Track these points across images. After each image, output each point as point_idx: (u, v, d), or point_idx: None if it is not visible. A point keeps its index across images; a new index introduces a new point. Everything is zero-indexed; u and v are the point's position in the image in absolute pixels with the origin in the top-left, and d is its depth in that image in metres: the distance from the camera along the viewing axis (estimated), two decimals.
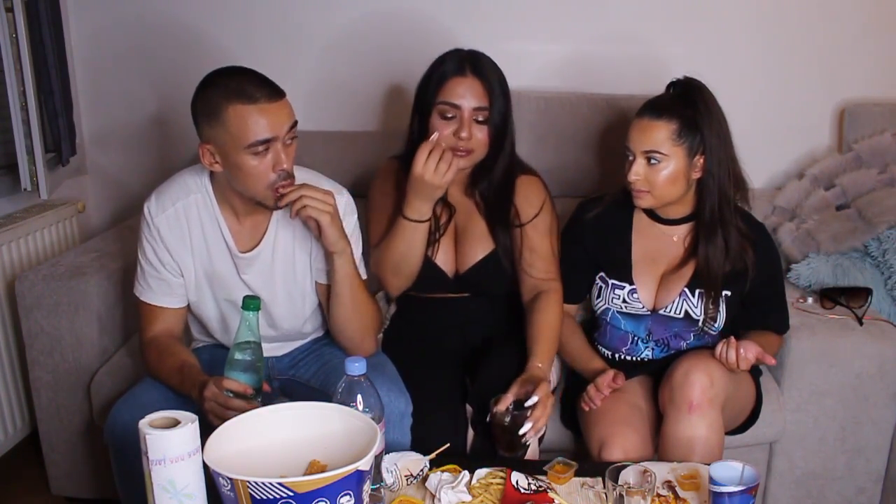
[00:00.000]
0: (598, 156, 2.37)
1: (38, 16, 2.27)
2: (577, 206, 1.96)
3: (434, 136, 1.73)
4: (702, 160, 1.74)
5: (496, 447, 1.65)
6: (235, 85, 1.52)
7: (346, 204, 1.73)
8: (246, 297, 1.50)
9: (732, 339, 1.68)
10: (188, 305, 1.76)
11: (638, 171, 1.74)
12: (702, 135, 1.73)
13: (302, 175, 1.69)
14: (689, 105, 1.73)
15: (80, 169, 2.67)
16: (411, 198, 1.73)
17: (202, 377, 1.56)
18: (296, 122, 1.58)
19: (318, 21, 2.55)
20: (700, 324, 1.81)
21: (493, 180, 1.86)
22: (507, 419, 1.59)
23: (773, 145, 2.54)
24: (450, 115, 1.76)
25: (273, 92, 1.54)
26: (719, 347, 1.68)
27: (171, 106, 2.64)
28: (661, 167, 1.72)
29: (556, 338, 1.81)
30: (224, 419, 1.35)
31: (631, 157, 1.75)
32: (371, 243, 1.85)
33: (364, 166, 2.30)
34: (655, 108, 1.74)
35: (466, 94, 1.75)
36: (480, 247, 1.88)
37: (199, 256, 1.70)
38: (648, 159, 1.73)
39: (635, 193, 1.77)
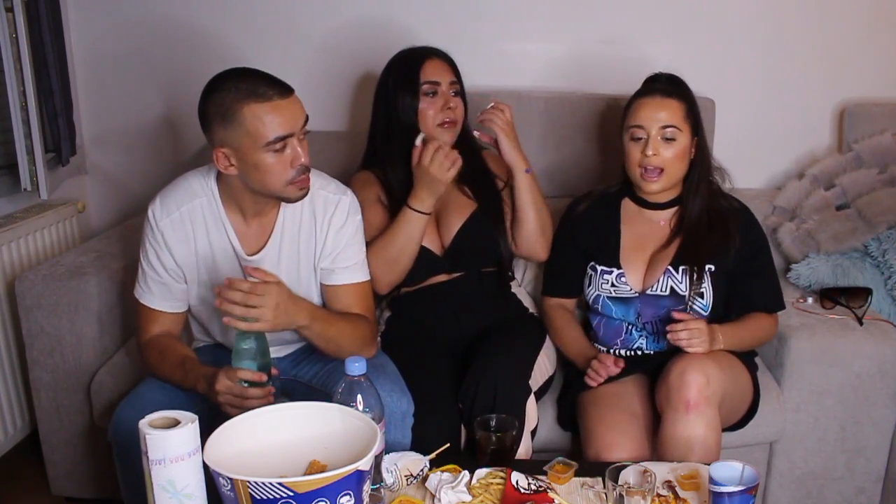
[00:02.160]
0: (597, 156, 2.37)
1: (38, 16, 2.27)
2: (566, 206, 2.03)
3: (420, 138, 1.85)
4: (696, 140, 1.84)
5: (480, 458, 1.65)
6: (246, 85, 1.52)
7: (349, 204, 1.74)
8: None
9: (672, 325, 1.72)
10: (189, 308, 1.76)
11: (656, 148, 1.79)
12: (697, 117, 1.84)
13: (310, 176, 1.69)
14: (685, 88, 1.84)
15: (80, 169, 2.67)
16: (418, 189, 1.83)
17: (206, 370, 1.57)
18: (307, 118, 1.59)
19: (317, 22, 2.55)
20: (687, 300, 1.83)
21: (465, 149, 1.95)
22: (492, 441, 1.57)
23: (773, 145, 2.54)
24: (431, 93, 1.91)
25: (284, 89, 1.55)
26: (672, 337, 1.71)
27: (171, 105, 2.64)
28: (675, 143, 1.79)
29: (545, 206, 1.97)
30: (244, 409, 1.35)
31: (643, 137, 1.80)
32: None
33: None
34: (663, 89, 1.82)
35: (440, 72, 1.92)
36: (458, 214, 1.96)
37: (204, 260, 1.69)
38: (664, 136, 1.78)
39: (646, 176, 1.82)
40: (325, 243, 1.71)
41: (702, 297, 1.84)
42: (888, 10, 2.49)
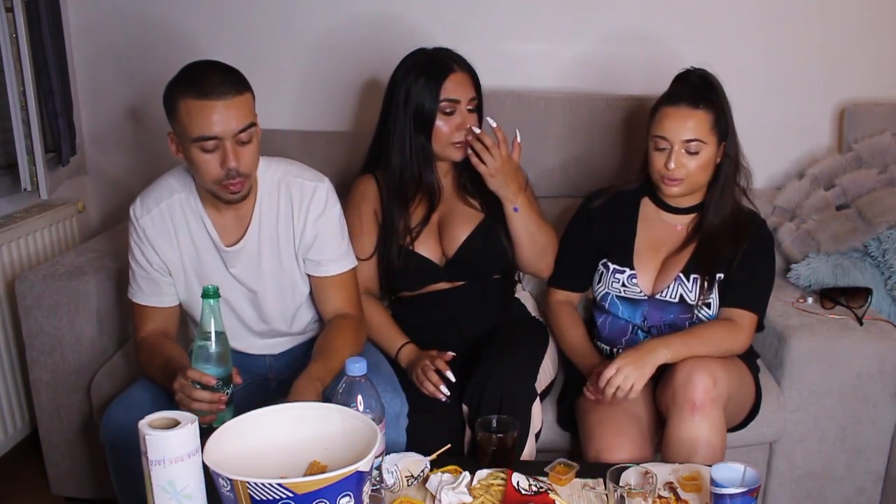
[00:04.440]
0: (598, 156, 2.37)
1: (38, 16, 2.27)
2: (584, 198, 2.00)
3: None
4: (724, 145, 1.80)
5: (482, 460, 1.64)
6: (192, 78, 1.53)
7: (327, 191, 1.73)
8: (206, 286, 1.49)
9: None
10: (180, 304, 1.76)
11: (678, 161, 1.75)
12: (726, 122, 1.79)
13: (283, 167, 1.71)
14: (715, 92, 1.79)
15: (80, 169, 2.67)
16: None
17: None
18: (252, 124, 1.55)
19: (318, 21, 2.55)
20: (695, 309, 1.82)
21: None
22: (493, 442, 1.57)
23: (773, 145, 2.53)
24: (449, 111, 1.84)
25: (228, 90, 1.51)
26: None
27: None
28: (699, 156, 1.76)
29: (544, 226, 1.93)
30: (195, 412, 1.34)
31: (667, 148, 1.76)
32: (360, 257, 1.86)
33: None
34: (691, 97, 1.76)
35: (461, 89, 1.85)
36: (464, 226, 1.92)
37: (187, 254, 1.70)
38: (687, 149, 1.75)
39: (667, 182, 1.78)
40: (305, 231, 1.71)
41: (709, 308, 1.82)
42: (888, 10, 2.49)
